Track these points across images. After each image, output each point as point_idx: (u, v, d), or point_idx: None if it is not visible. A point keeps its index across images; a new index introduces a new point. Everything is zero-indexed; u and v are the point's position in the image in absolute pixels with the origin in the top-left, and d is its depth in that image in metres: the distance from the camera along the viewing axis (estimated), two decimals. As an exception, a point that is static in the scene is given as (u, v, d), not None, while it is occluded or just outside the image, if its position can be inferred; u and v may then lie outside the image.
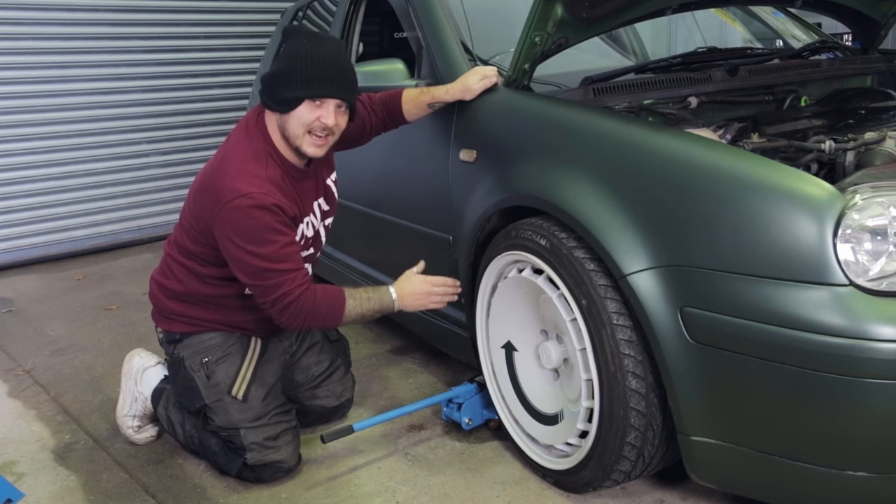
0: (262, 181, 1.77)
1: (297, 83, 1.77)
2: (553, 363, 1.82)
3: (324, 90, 1.78)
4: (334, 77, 1.78)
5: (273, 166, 1.83)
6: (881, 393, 1.28)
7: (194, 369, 1.95)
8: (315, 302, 1.81)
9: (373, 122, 2.11)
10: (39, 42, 4.07)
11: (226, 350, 1.96)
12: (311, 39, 1.82)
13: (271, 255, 1.76)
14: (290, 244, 1.81)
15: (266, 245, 1.75)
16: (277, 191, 1.79)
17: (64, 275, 3.97)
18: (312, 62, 1.76)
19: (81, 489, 1.96)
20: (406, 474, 1.94)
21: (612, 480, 1.68)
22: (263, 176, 1.78)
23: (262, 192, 1.75)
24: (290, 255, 1.80)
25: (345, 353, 2.29)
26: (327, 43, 1.83)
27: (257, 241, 1.75)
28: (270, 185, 1.78)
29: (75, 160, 4.29)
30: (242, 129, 1.90)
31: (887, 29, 2.49)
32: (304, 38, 1.81)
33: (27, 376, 2.67)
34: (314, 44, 1.79)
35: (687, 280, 1.45)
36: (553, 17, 1.82)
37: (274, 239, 1.76)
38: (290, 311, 1.79)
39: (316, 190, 1.98)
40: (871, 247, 1.33)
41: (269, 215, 1.75)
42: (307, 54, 1.76)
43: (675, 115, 1.90)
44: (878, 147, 1.73)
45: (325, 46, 1.80)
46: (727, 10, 2.97)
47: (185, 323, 1.98)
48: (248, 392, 1.93)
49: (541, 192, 1.71)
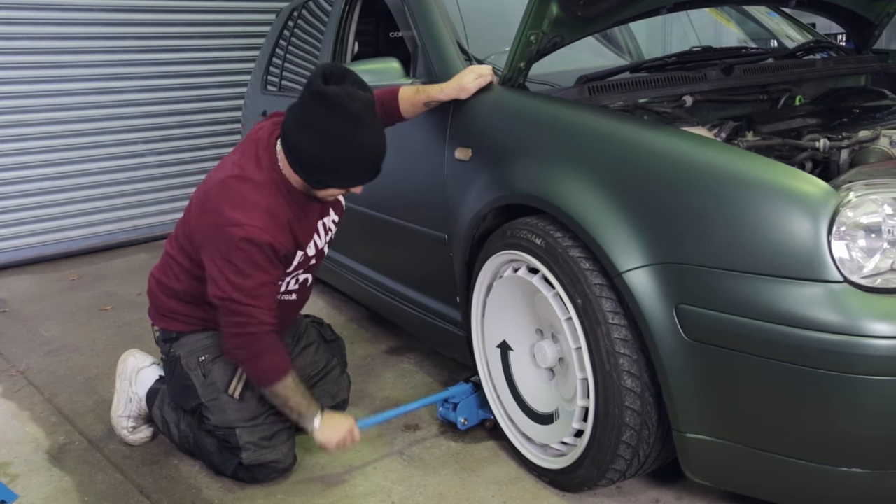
0: (261, 214, 1.75)
1: (338, 177, 1.76)
2: (548, 362, 1.81)
3: (363, 181, 1.80)
4: (373, 166, 1.77)
5: (276, 195, 1.79)
6: (875, 389, 1.29)
7: (191, 368, 1.94)
8: (264, 349, 1.79)
9: None
10: (34, 42, 4.06)
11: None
12: (350, 123, 1.67)
13: (248, 289, 1.75)
14: (269, 283, 1.79)
15: (246, 279, 1.74)
16: (273, 224, 1.76)
17: (59, 275, 3.96)
18: (354, 157, 1.72)
19: (76, 490, 1.95)
20: (401, 474, 1.93)
21: (607, 479, 1.68)
22: (264, 207, 1.76)
23: (258, 227, 1.73)
24: (267, 294, 1.79)
25: (340, 354, 2.28)
26: (365, 126, 1.69)
27: (238, 272, 1.74)
28: (268, 219, 1.75)
29: (70, 160, 4.28)
30: (253, 148, 1.85)
31: (881, 29, 2.50)
32: (344, 120, 1.67)
33: (21, 377, 2.66)
34: (354, 130, 1.68)
35: (682, 277, 1.45)
36: (548, 16, 1.82)
37: (255, 275, 1.75)
38: (240, 341, 1.79)
39: (323, 208, 1.95)
40: (865, 244, 1.33)
41: (258, 252, 1.74)
42: (348, 145, 1.69)
43: (671, 114, 1.91)
44: (871, 145, 1.73)
45: (366, 134, 1.70)
46: (722, 10, 2.98)
47: (183, 322, 1.98)
48: (245, 391, 1.92)
49: (536, 191, 1.71)
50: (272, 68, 3.49)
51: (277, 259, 1.79)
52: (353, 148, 1.70)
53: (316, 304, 3.21)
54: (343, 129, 1.68)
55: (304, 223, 1.88)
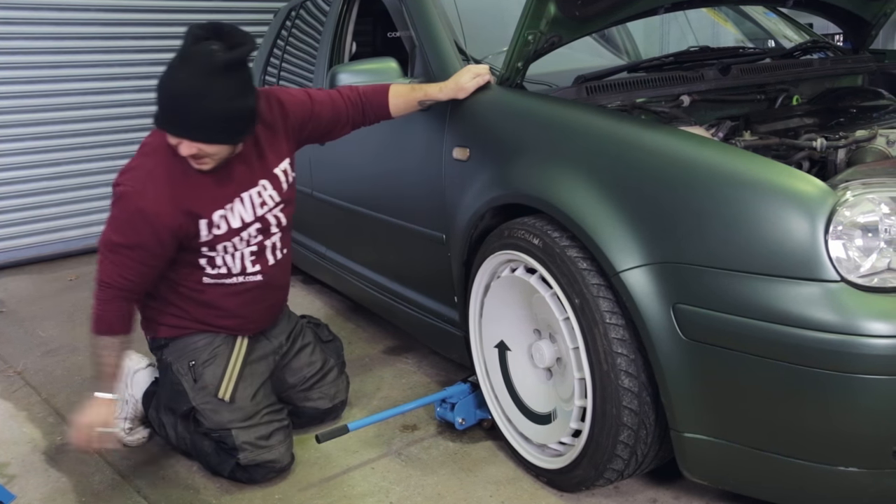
0: (141, 175, 1.79)
1: (160, 118, 1.76)
2: (546, 362, 1.81)
3: (171, 129, 1.74)
4: (181, 119, 1.71)
5: (166, 160, 1.80)
6: (872, 389, 1.29)
7: (181, 373, 1.94)
8: (103, 300, 1.83)
9: (349, 114, 2.03)
10: (31, 42, 4.05)
11: (212, 352, 1.95)
12: (174, 69, 1.71)
13: (111, 245, 1.80)
14: (131, 247, 1.78)
15: (114, 233, 1.80)
16: (151, 187, 1.77)
17: (56, 275, 3.95)
18: (165, 96, 1.72)
19: (73, 491, 1.95)
20: (399, 474, 1.93)
21: (605, 479, 1.68)
22: (146, 168, 1.80)
23: (132, 189, 1.78)
24: (125, 258, 1.79)
25: (338, 355, 2.28)
26: (191, 76, 1.68)
27: (111, 223, 1.82)
28: (146, 182, 1.78)
29: (68, 160, 4.27)
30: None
31: (877, 29, 2.50)
32: (182, 71, 1.69)
33: (19, 377, 2.65)
34: (174, 76, 1.70)
35: (679, 277, 1.45)
36: (546, 16, 1.82)
37: (120, 232, 1.79)
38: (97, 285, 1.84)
39: (242, 180, 1.88)
40: (862, 243, 1.34)
41: (126, 213, 1.78)
42: (165, 85, 1.72)
43: (668, 114, 1.91)
44: (868, 145, 1.74)
45: (182, 83, 1.69)
46: (719, 10, 2.98)
47: (165, 327, 1.98)
48: (236, 392, 1.92)
49: (534, 190, 1.71)
50: (270, 68, 3.48)
51: (147, 226, 1.77)
52: (175, 86, 1.70)
53: (313, 304, 3.21)
54: (176, 72, 1.70)
55: (204, 192, 1.82)
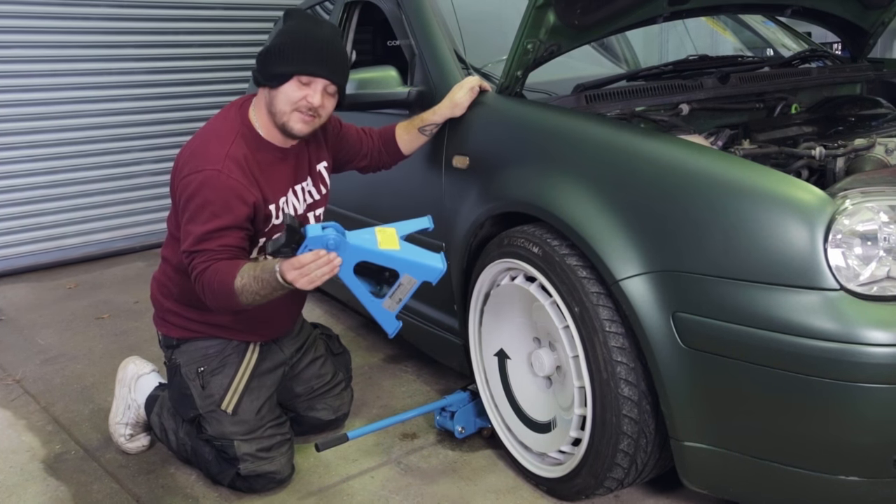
0: (220, 159, 1.76)
1: (287, 59, 1.77)
2: (546, 371, 1.81)
3: (313, 69, 1.78)
4: (324, 57, 1.78)
5: (239, 145, 1.80)
6: (872, 397, 1.29)
7: (190, 378, 1.94)
8: (208, 280, 1.71)
9: (370, 146, 2.12)
10: (30, 50, 4.05)
11: (222, 360, 1.94)
12: (307, 20, 1.84)
13: (198, 236, 1.71)
14: (229, 227, 1.73)
15: (205, 224, 1.71)
16: (235, 167, 1.76)
17: (55, 283, 3.95)
18: (305, 40, 1.77)
19: (72, 500, 1.94)
20: (399, 483, 1.93)
21: (604, 488, 1.68)
22: (224, 153, 1.77)
23: (216, 170, 1.73)
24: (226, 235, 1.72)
25: (346, 368, 2.27)
26: (323, 26, 1.85)
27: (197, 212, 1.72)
28: (230, 163, 1.76)
29: (67, 168, 4.27)
30: (222, 111, 1.93)
31: (875, 38, 2.51)
32: (301, 19, 1.84)
33: (17, 386, 2.65)
34: (309, 24, 1.82)
35: (679, 285, 1.45)
36: (545, 25, 1.83)
37: (212, 221, 1.71)
38: (197, 286, 1.74)
39: (296, 172, 1.92)
40: (861, 251, 1.34)
41: (214, 194, 1.72)
42: (301, 32, 1.78)
43: (667, 122, 1.91)
44: (867, 153, 1.74)
45: (319, 28, 1.82)
46: (718, 19, 2.99)
47: (182, 327, 1.97)
48: (240, 405, 1.92)
49: (533, 199, 1.72)
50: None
51: (240, 201, 1.74)
52: (303, 29, 1.79)
53: (314, 313, 3.20)
54: (296, 21, 1.82)
55: (273, 177, 1.85)
